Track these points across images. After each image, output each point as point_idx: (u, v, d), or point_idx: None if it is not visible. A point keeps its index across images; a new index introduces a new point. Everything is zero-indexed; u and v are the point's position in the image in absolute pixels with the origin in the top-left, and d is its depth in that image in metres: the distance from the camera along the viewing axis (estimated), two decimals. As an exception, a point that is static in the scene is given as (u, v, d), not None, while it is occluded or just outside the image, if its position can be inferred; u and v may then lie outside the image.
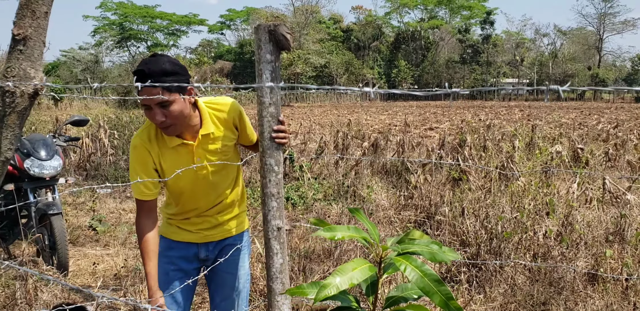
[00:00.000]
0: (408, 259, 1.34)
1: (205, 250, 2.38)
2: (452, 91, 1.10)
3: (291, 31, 1.91)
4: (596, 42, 73.51)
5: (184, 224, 2.35)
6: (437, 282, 1.30)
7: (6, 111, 1.40)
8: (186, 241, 2.36)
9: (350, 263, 1.36)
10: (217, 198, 2.32)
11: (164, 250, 2.35)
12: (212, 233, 2.36)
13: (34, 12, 1.38)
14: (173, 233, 2.37)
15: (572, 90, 1.24)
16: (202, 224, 2.35)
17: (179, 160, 2.20)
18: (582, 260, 3.94)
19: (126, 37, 75.06)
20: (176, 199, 2.32)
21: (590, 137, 11.52)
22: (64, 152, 8.99)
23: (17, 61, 1.39)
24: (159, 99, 1.99)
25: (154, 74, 1.96)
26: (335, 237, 1.48)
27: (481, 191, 5.23)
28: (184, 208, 2.33)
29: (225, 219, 2.37)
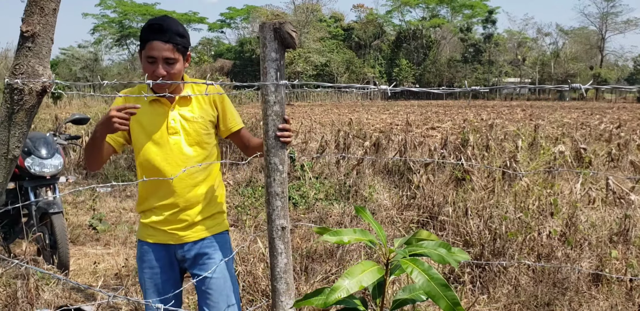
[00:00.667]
0: (415, 262, 1.32)
1: (181, 251, 2.31)
2: (471, 89, 1.07)
3: (296, 29, 1.89)
4: (598, 42, 73.48)
5: (158, 223, 2.27)
6: (444, 287, 1.28)
7: (14, 108, 1.39)
8: (162, 243, 2.30)
9: (358, 266, 1.34)
10: (189, 179, 2.25)
11: (143, 255, 2.33)
12: (187, 234, 2.29)
13: (42, 9, 1.36)
14: (149, 235, 2.32)
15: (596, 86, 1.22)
16: (175, 222, 2.27)
17: (153, 119, 2.22)
18: (586, 260, 3.92)
19: (125, 35, 75.06)
20: (145, 170, 2.26)
21: (593, 137, 11.49)
22: (64, 150, 8.98)
23: (25, 58, 1.37)
24: (167, 55, 2.09)
25: (169, 31, 2.10)
26: (342, 241, 1.46)
27: (484, 191, 5.21)
28: (154, 189, 2.26)
29: (200, 218, 2.30)
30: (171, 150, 2.23)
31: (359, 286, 1.27)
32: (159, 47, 2.09)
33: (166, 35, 2.09)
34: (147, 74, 2.15)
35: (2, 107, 1.42)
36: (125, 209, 6.85)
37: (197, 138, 2.26)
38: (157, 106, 2.23)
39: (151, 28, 2.10)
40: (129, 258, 4.73)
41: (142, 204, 2.34)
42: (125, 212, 6.70)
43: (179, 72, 2.17)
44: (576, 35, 74.63)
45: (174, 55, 2.13)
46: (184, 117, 2.24)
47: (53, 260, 4.23)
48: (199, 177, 2.28)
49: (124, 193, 7.67)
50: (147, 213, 2.32)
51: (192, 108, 2.27)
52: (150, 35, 2.10)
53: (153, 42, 2.09)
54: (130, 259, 4.70)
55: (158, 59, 2.10)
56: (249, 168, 8.14)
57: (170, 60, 2.12)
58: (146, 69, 2.14)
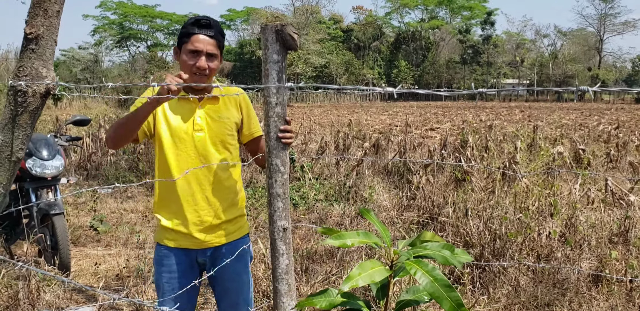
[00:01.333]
0: (419, 263, 1.33)
1: (203, 256, 2.30)
2: (478, 91, 1.09)
3: (298, 31, 1.90)
4: (596, 43, 73.60)
5: (180, 225, 2.24)
6: (447, 287, 1.29)
7: (18, 110, 1.39)
8: (183, 248, 2.27)
9: (368, 263, 1.36)
10: (210, 176, 2.25)
11: (162, 259, 2.29)
12: (209, 239, 2.27)
13: (46, 11, 1.37)
14: (169, 239, 2.27)
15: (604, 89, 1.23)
16: (196, 224, 2.23)
17: (180, 114, 2.23)
18: (586, 261, 3.93)
19: (126, 36, 75.17)
20: (164, 166, 2.24)
21: (592, 138, 11.52)
22: (65, 152, 8.98)
23: (29, 60, 1.38)
24: (211, 49, 2.17)
25: (215, 28, 2.20)
26: (345, 244, 1.47)
27: (484, 192, 5.22)
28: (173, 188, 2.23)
29: (221, 221, 2.28)
30: (195, 147, 2.23)
31: (371, 280, 1.28)
32: (204, 40, 2.16)
33: (212, 31, 2.18)
34: (186, 67, 2.17)
35: (6, 109, 1.42)
36: (126, 210, 6.86)
37: (221, 137, 2.27)
38: (184, 103, 2.25)
39: (199, 23, 2.17)
40: (130, 259, 4.73)
41: (160, 204, 2.30)
42: (126, 213, 6.71)
43: (216, 68, 2.24)
44: (574, 36, 74.76)
45: (216, 51, 2.20)
46: (210, 116, 2.26)
47: (54, 261, 4.23)
48: (222, 176, 2.28)
49: (124, 194, 7.68)
50: (166, 215, 2.28)
51: (219, 108, 2.28)
52: (196, 29, 2.16)
53: (199, 36, 2.15)
54: (131, 260, 4.71)
55: (202, 52, 2.16)
56: (249, 169, 8.16)
57: (212, 55, 2.19)
58: (186, 63, 2.17)
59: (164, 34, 79.23)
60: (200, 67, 2.15)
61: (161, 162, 2.25)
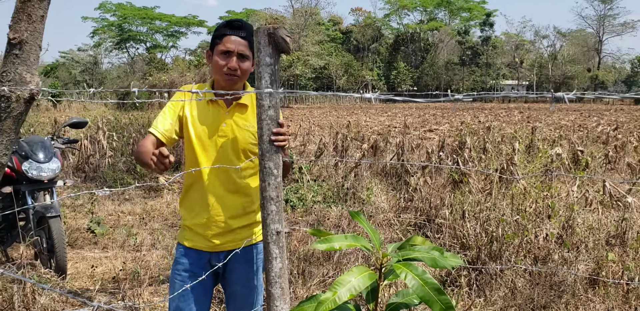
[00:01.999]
0: (408, 266, 1.32)
1: (216, 259, 2.33)
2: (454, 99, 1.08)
3: (291, 34, 1.90)
4: (596, 44, 73.67)
5: (197, 226, 2.29)
6: (437, 291, 1.28)
7: (1, 116, 1.38)
8: (198, 249, 2.32)
9: (349, 273, 1.34)
10: (230, 184, 2.28)
11: (179, 257, 2.35)
12: (223, 242, 2.31)
13: (30, 16, 1.36)
14: (187, 239, 2.33)
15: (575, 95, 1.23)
16: (212, 226, 2.28)
17: (208, 118, 2.26)
18: (583, 263, 3.93)
19: (125, 38, 75.13)
20: (190, 163, 2.30)
21: (590, 140, 11.51)
22: (63, 154, 8.97)
23: (12, 66, 1.37)
24: (243, 49, 2.18)
25: (247, 30, 2.20)
26: (332, 248, 1.46)
27: (482, 194, 5.21)
28: (195, 189, 2.30)
29: (236, 226, 2.31)
30: (217, 151, 2.26)
31: (349, 295, 1.27)
32: (236, 41, 2.17)
33: (244, 32, 2.19)
34: (217, 68, 2.20)
35: (-11, 114, 1.42)
36: (123, 212, 6.85)
37: (244, 145, 2.27)
38: (213, 107, 2.27)
39: (231, 25, 2.20)
40: (127, 262, 4.72)
41: (183, 203, 2.37)
42: (124, 215, 6.70)
43: (248, 70, 2.22)
44: (574, 37, 74.82)
45: (248, 52, 2.19)
46: (237, 123, 2.27)
47: (50, 264, 4.22)
48: (240, 184, 2.30)
49: (122, 196, 7.67)
50: (189, 212, 2.34)
51: (246, 116, 2.29)
52: (228, 31, 2.19)
53: (231, 37, 2.17)
54: (128, 263, 4.70)
55: (233, 52, 2.17)
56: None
57: (244, 55, 2.19)
58: (218, 63, 2.19)
59: (163, 35, 79.24)
60: (232, 67, 2.17)
61: (188, 162, 2.32)
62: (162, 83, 36.16)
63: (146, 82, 35.91)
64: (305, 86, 62.79)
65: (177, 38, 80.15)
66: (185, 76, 38.14)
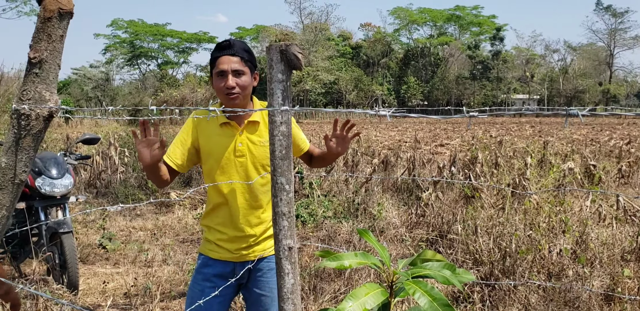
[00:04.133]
0: (418, 283, 1.31)
1: (241, 269, 2.36)
2: (470, 116, 1.08)
3: (302, 51, 1.92)
4: (607, 58, 73.51)
5: (223, 241, 2.35)
6: (446, 306, 1.27)
7: (21, 133, 1.41)
8: (223, 260, 2.36)
9: (362, 288, 1.34)
10: (253, 201, 2.34)
11: (200, 267, 2.39)
12: (249, 252, 2.36)
13: (50, 36, 1.39)
14: (210, 250, 2.38)
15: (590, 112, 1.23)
16: (238, 242, 2.34)
17: (222, 141, 2.29)
18: (598, 279, 3.87)
19: (137, 55, 76.05)
20: (211, 190, 2.35)
21: (603, 154, 11.42)
22: (75, 170, 9.04)
23: (32, 84, 1.39)
24: (235, 66, 2.20)
25: (235, 46, 2.23)
26: (342, 266, 1.46)
27: (494, 209, 5.18)
28: (219, 209, 2.35)
29: (261, 238, 2.37)
30: (237, 172, 2.30)
31: (362, 309, 1.26)
32: (227, 60, 2.20)
33: (233, 49, 2.21)
34: (218, 91, 2.24)
35: (9, 132, 1.44)
36: (135, 228, 6.87)
37: (262, 161, 2.32)
38: (226, 129, 2.30)
39: (219, 46, 2.24)
40: (138, 278, 4.73)
41: (207, 218, 2.41)
42: (135, 231, 6.72)
43: (247, 85, 2.24)
44: (584, 51, 74.72)
45: (242, 67, 2.22)
46: (251, 140, 2.31)
47: (63, 280, 4.23)
48: (263, 200, 2.35)
49: (133, 212, 7.70)
50: (211, 230, 2.38)
51: (260, 133, 2.33)
52: (218, 53, 2.23)
53: (222, 57, 2.21)
54: (140, 278, 4.70)
55: (227, 71, 2.20)
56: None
57: (238, 71, 2.21)
58: (217, 85, 2.23)
59: (175, 52, 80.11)
60: (228, 86, 2.20)
61: (209, 182, 2.36)
62: (174, 99, 36.44)
63: (158, 99, 36.18)
64: (315, 101, 63.03)
65: (188, 54, 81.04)
66: (196, 92, 38.40)
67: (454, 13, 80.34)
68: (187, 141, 2.33)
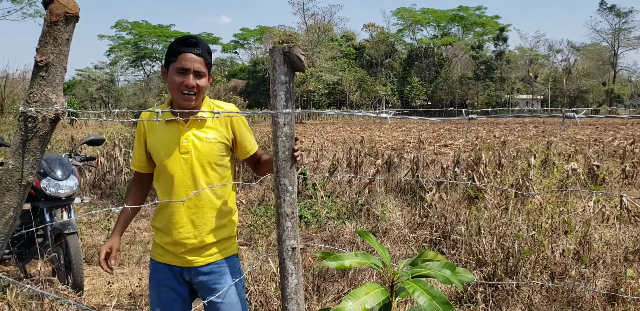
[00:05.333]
0: (418, 283, 1.33)
1: (188, 274, 2.31)
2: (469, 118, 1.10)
3: (305, 53, 1.93)
4: (611, 58, 73.26)
5: (167, 244, 2.28)
6: (446, 305, 1.28)
7: (28, 136, 1.43)
8: (169, 264, 2.31)
9: (362, 288, 1.35)
10: (198, 200, 2.26)
11: (153, 273, 2.36)
12: (194, 258, 2.28)
13: (56, 39, 1.41)
14: (159, 255, 2.34)
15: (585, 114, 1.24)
16: (182, 244, 2.26)
17: (168, 138, 2.26)
18: (601, 279, 3.88)
19: (141, 56, 76.23)
20: (159, 187, 2.33)
21: (607, 154, 11.41)
22: (80, 171, 9.07)
23: (39, 87, 1.42)
24: (199, 67, 2.19)
25: (202, 46, 2.22)
26: (343, 266, 1.48)
27: (497, 210, 5.18)
28: (165, 207, 2.30)
29: (208, 242, 2.29)
30: (182, 169, 2.23)
31: (362, 308, 1.28)
32: (192, 58, 2.17)
33: (199, 49, 2.19)
34: (173, 86, 2.20)
35: (17, 134, 1.47)
36: (139, 228, 6.89)
37: (209, 158, 2.26)
38: (172, 126, 2.26)
39: (185, 42, 2.19)
40: (143, 278, 4.75)
41: (155, 220, 2.38)
42: (140, 232, 6.74)
43: (204, 87, 2.24)
44: (588, 51, 74.49)
45: (204, 69, 2.22)
46: (197, 137, 2.25)
47: (68, 280, 4.26)
48: (210, 200, 2.28)
49: (138, 213, 7.71)
50: (158, 233, 2.34)
51: (206, 129, 2.28)
52: (183, 48, 2.18)
53: (187, 54, 2.17)
54: (144, 279, 4.72)
55: (190, 70, 2.17)
56: (261, 187, 8.18)
57: (200, 73, 2.20)
58: (175, 81, 2.18)
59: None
60: (188, 85, 2.17)
61: (158, 183, 2.33)
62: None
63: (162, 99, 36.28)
64: (319, 101, 63.07)
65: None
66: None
67: (458, 13, 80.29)
68: (141, 142, 2.34)
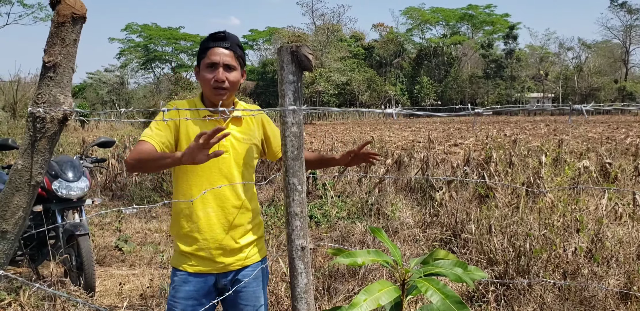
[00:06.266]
0: (430, 281, 1.32)
1: (224, 279, 2.23)
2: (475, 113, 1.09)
3: (313, 52, 1.93)
4: (622, 55, 72.70)
5: (201, 250, 2.18)
6: (459, 304, 1.27)
7: (37, 136, 1.44)
8: (204, 273, 2.19)
9: (376, 284, 1.35)
10: (233, 200, 2.19)
11: (179, 285, 2.19)
12: (231, 262, 2.21)
13: (63, 40, 1.42)
14: (190, 265, 2.19)
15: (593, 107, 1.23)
16: (219, 248, 2.18)
17: None
18: (614, 277, 3.84)
19: (151, 58, 76.70)
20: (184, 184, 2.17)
21: (619, 152, 11.31)
22: (91, 173, 9.13)
23: (47, 88, 1.43)
24: (228, 60, 2.13)
25: (231, 40, 2.17)
26: (355, 263, 1.47)
27: (508, 208, 5.15)
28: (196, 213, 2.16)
29: (243, 243, 2.23)
30: (219, 169, 2.16)
31: (376, 304, 1.27)
32: (221, 52, 2.13)
33: (228, 42, 2.15)
34: (205, 82, 2.15)
35: (25, 135, 1.48)
36: (150, 230, 6.92)
37: (246, 159, 2.23)
38: (211, 123, 2.17)
39: (214, 37, 2.16)
40: (154, 279, 4.76)
41: (178, 228, 2.22)
42: (151, 233, 6.77)
43: (237, 81, 2.18)
44: (599, 48, 73.98)
45: (234, 62, 2.16)
46: (235, 137, 2.20)
47: (79, 282, 4.28)
48: (243, 199, 2.22)
49: (149, 214, 7.76)
50: (186, 239, 2.20)
51: (242, 129, 2.24)
52: (212, 43, 2.15)
53: (215, 48, 2.13)
54: (155, 280, 4.74)
55: (219, 64, 2.12)
56: (271, 188, 8.19)
57: (230, 66, 2.15)
58: (205, 77, 2.14)
59: (188, 55, 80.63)
60: (218, 79, 2.11)
61: (182, 185, 2.18)
62: (188, 102, 36.64)
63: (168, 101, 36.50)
64: (328, 102, 63.06)
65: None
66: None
67: (467, 12, 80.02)
68: (171, 128, 2.12)
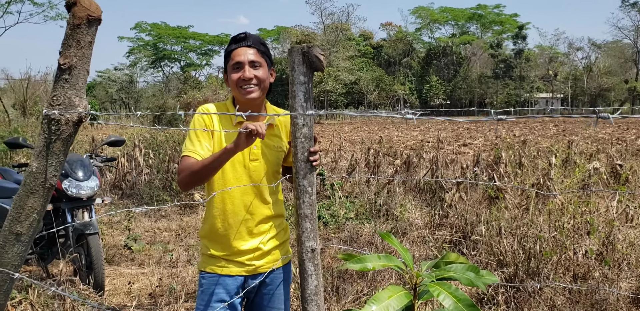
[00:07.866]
0: (442, 285, 1.31)
1: (252, 282, 2.24)
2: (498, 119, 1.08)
3: (324, 52, 1.92)
4: (633, 55, 72.18)
5: (232, 255, 2.19)
6: (472, 307, 1.26)
7: (52, 138, 1.44)
8: (234, 275, 2.20)
9: (385, 291, 1.34)
10: (261, 204, 2.21)
11: (210, 287, 2.19)
12: (262, 264, 2.22)
13: (79, 42, 1.42)
14: (219, 267, 2.20)
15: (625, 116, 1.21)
16: (250, 251, 2.19)
17: None
18: (626, 281, 3.81)
19: (160, 57, 76.92)
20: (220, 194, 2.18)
21: (630, 153, 11.22)
22: (101, 172, 9.17)
23: (62, 90, 1.43)
24: (252, 57, 2.13)
25: (251, 38, 2.17)
26: (366, 268, 1.46)
27: (518, 210, 5.12)
28: (226, 216, 2.17)
29: (272, 246, 2.25)
30: (249, 176, 2.17)
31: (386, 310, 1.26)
32: (243, 51, 2.13)
33: (249, 41, 2.15)
34: (233, 84, 2.15)
35: (40, 137, 1.48)
36: (159, 229, 6.94)
37: (274, 167, 2.23)
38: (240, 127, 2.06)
39: (235, 39, 2.18)
40: (163, 278, 4.78)
41: (210, 233, 2.23)
42: (160, 232, 6.79)
43: (265, 78, 2.18)
44: (609, 49, 73.51)
45: (259, 59, 2.15)
46: (266, 144, 2.20)
47: (89, 280, 4.30)
48: (269, 204, 2.24)
49: (158, 213, 7.78)
50: (216, 244, 2.22)
51: (272, 137, 2.23)
52: (233, 45, 2.17)
53: (238, 49, 2.15)
54: (164, 279, 4.75)
55: (244, 63, 2.12)
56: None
57: (255, 63, 2.14)
58: (232, 79, 2.14)
59: (197, 54, 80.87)
60: (246, 77, 2.11)
61: (214, 187, 2.19)
62: (196, 101, 36.70)
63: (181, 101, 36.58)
64: (336, 101, 63.00)
65: (210, 56, 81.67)
66: (218, 93, 38.67)
67: (476, 12, 79.75)
68: (208, 136, 2.14)
